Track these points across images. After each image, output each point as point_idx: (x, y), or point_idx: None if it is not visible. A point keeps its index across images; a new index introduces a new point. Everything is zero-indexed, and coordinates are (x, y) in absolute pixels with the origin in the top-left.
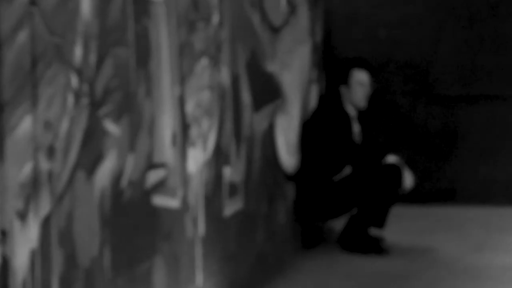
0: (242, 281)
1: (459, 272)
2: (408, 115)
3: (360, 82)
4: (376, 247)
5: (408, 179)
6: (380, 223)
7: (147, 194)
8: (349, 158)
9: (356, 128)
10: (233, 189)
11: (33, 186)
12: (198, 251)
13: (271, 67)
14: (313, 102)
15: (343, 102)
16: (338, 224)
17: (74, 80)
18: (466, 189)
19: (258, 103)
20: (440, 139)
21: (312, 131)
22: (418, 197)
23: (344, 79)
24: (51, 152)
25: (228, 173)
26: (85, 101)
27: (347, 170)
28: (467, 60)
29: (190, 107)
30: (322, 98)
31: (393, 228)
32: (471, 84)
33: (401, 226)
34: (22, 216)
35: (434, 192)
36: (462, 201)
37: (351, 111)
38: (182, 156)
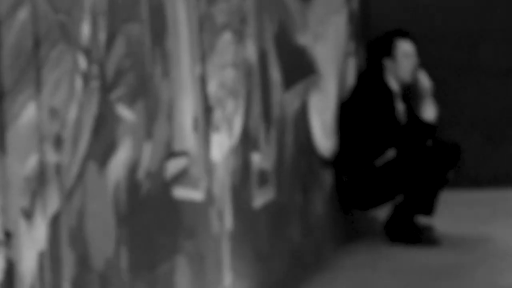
0: (276, 282)
1: None
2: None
3: (406, 53)
4: (426, 238)
5: (430, 110)
6: (429, 210)
7: (167, 186)
8: (393, 139)
9: (400, 106)
10: (263, 178)
11: (39, 181)
12: (226, 248)
13: (303, 40)
14: (351, 78)
15: (386, 77)
16: (383, 213)
17: (82, 62)
18: None
19: (289, 81)
20: (494, 118)
21: (352, 111)
22: (473, 182)
23: (388, 51)
24: (58, 142)
25: (257, 160)
26: (95, 84)
27: (391, 153)
28: None
29: (212, 87)
30: (362, 74)
31: (444, 215)
32: None
33: (453, 213)
34: (28, 214)
35: (490, 176)
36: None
37: (395, 87)
38: (205, 142)
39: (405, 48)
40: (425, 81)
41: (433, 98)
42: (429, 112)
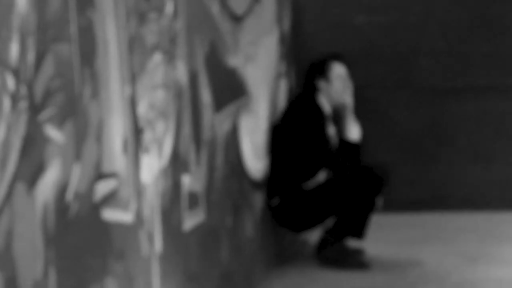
0: None
1: (451, 287)
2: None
3: (339, 75)
4: (356, 261)
5: (354, 129)
6: (359, 233)
7: (96, 208)
8: (323, 162)
9: (331, 129)
10: (193, 200)
11: None
12: (155, 270)
13: (234, 61)
14: (283, 99)
15: (319, 98)
16: (314, 236)
17: (10, 82)
18: (457, 194)
19: (220, 102)
20: (426, 138)
21: (284, 132)
22: (402, 205)
23: (322, 72)
24: None
25: (187, 182)
26: (23, 104)
27: (321, 176)
28: (456, 48)
29: (142, 108)
30: (295, 96)
31: (375, 239)
32: (461, 75)
33: (384, 236)
34: None
35: (420, 199)
36: (452, 207)
37: (327, 109)
38: (135, 164)
39: (339, 71)
40: (347, 99)
41: (356, 117)
42: (353, 131)
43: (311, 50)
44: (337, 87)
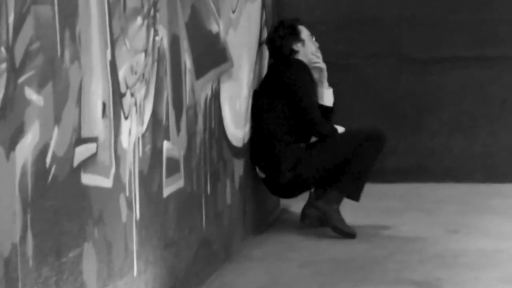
0: (184, 271)
1: (431, 258)
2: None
3: (310, 37)
4: (347, 230)
5: (329, 94)
6: (357, 196)
7: (75, 172)
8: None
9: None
10: (172, 166)
11: None
12: (134, 236)
13: (215, 26)
14: (264, 65)
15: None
16: (293, 203)
17: None
18: (439, 165)
19: (201, 68)
20: (408, 109)
21: (279, 93)
22: (384, 175)
23: (296, 36)
24: None
25: (167, 147)
26: (3, 67)
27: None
28: (439, 17)
29: (123, 73)
30: (273, 63)
31: (355, 208)
32: (444, 45)
33: (364, 206)
34: None
35: (402, 169)
36: (434, 178)
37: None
38: (115, 129)
39: (308, 33)
40: (322, 63)
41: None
42: (328, 96)
43: (292, 17)
44: (312, 48)
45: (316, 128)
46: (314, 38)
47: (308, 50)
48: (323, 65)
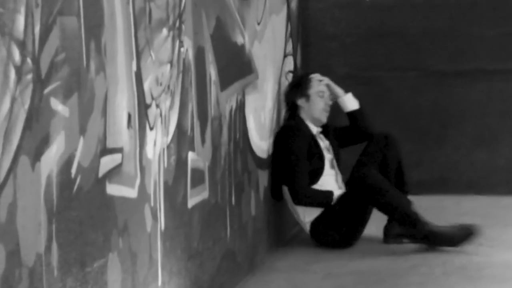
0: (208, 282)
1: (455, 271)
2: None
3: (321, 93)
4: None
5: (349, 100)
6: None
7: (100, 182)
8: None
9: (323, 143)
10: (197, 177)
11: None
12: (159, 246)
13: (240, 38)
14: (289, 78)
15: (301, 117)
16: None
17: (16, 54)
18: (461, 178)
19: (226, 79)
20: (431, 122)
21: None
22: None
23: (300, 91)
24: None
25: (192, 158)
26: (29, 77)
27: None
28: (462, 31)
29: (148, 84)
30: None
31: (377, 220)
32: (467, 58)
33: (386, 219)
34: None
35: (424, 182)
36: (456, 191)
37: (312, 128)
38: (140, 139)
39: (319, 89)
40: (324, 82)
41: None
42: (349, 102)
43: (317, 29)
44: (320, 105)
45: (293, 194)
46: (328, 95)
47: (314, 106)
48: (325, 82)
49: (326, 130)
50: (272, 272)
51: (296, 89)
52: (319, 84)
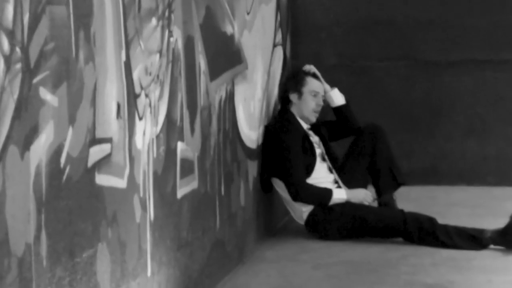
0: (198, 272)
1: (444, 261)
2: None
3: (314, 93)
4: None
5: (336, 95)
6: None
7: (90, 172)
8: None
9: (314, 138)
10: (187, 167)
11: None
12: (148, 237)
13: (230, 28)
14: (278, 67)
15: (293, 112)
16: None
17: (5, 43)
18: (452, 168)
19: (215, 70)
20: (421, 112)
21: (271, 146)
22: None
23: (295, 85)
24: None
25: (181, 148)
26: (18, 67)
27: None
28: (454, 20)
29: (137, 74)
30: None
31: None
32: (457, 48)
33: None
34: None
35: (414, 172)
36: (446, 181)
37: (303, 123)
38: (129, 129)
39: (312, 89)
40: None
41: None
42: (335, 97)
43: (307, 19)
44: (311, 105)
45: (292, 191)
46: (321, 96)
47: (305, 105)
48: (312, 71)
49: (314, 126)
50: (261, 262)
51: (291, 83)
52: (314, 83)
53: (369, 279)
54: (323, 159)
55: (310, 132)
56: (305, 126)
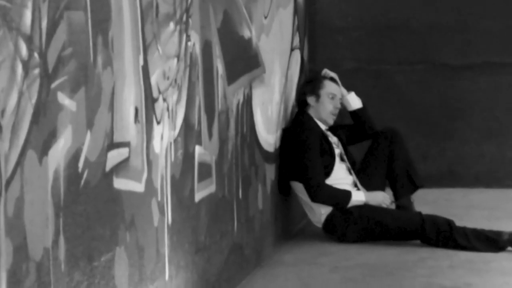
0: (216, 275)
1: (461, 264)
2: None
3: (332, 95)
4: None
5: (353, 99)
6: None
7: (108, 176)
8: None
9: (332, 138)
10: (204, 171)
11: None
12: (166, 241)
13: (247, 32)
14: (296, 71)
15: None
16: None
17: (23, 49)
18: (469, 171)
19: (233, 74)
20: (439, 115)
21: (289, 147)
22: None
23: (313, 90)
24: None
25: (199, 152)
26: (36, 72)
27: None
28: (470, 24)
29: (155, 78)
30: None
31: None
32: (475, 51)
33: None
34: None
35: (432, 175)
36: (464, 184)
37: (321, 125)
38: (147, 134)
39: (330, 92)
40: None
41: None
42: (352, 101)
43: (324, 23)
44: (329, 108)
45: (311, 192)
46: (338, 99)
47: (322, 108)
48: (333, 75)
49: (332, 128)
50: (279, 265)
51: (308, 86)
52: (331, 85)
53: (385, 282)
54: (342, 159)
55: (328, 133)
56: (323, 127)
